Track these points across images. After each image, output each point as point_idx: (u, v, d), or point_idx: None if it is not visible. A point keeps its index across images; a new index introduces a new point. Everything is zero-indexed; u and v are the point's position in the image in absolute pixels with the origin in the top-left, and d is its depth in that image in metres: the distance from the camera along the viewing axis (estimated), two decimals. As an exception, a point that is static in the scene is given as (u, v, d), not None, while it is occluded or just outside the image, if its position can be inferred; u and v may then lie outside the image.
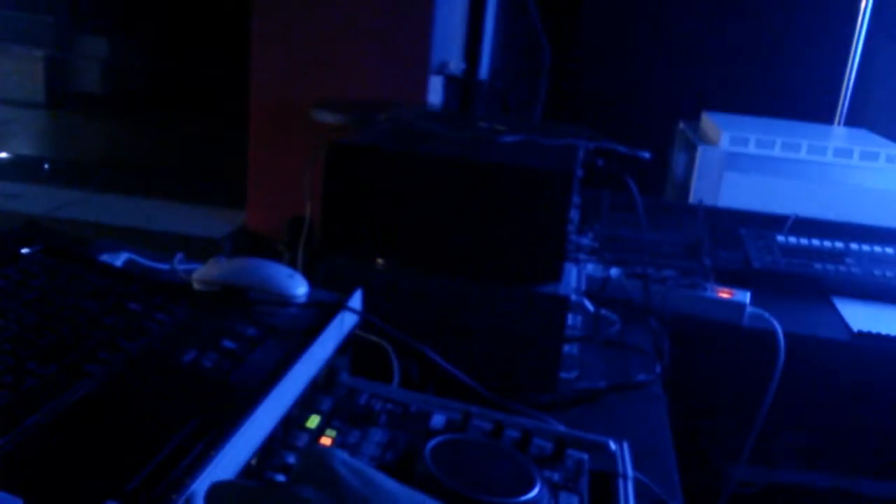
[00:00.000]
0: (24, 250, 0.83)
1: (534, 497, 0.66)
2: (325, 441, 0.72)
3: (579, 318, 1.12)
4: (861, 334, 1.43)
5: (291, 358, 0.70)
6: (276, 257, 1.04)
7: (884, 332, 1.44)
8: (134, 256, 1.04)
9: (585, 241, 1.16)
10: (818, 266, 1.64)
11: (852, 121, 3.03)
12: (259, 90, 2.36)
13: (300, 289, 0.84)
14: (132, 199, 2.69)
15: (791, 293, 1.58)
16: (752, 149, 2.04)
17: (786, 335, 1.33)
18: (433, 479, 0.65)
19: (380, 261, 1.03)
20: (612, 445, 0.79)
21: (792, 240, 1.72)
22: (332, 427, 0.74)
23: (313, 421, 0.74)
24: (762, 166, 2.03)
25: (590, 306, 1.21)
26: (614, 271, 1.39)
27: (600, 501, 0.72)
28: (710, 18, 3.09)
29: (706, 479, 1.53)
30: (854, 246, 1.69)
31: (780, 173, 2.02)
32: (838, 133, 2.61)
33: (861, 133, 2.39)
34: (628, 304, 1.32)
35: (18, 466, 0.52)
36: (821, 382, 1.48)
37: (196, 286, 0.84)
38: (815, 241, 1.71)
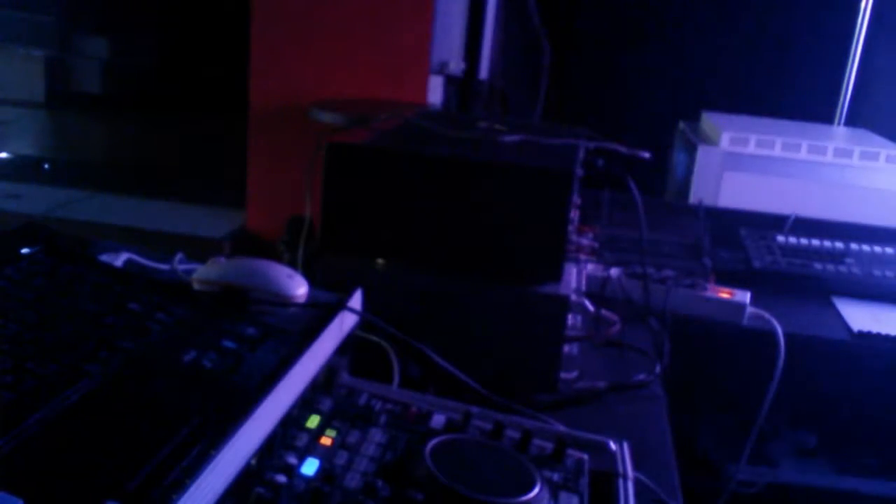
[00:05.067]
0: (24, 250, 0.83)
1: (534, 497, 0.66)
2: (325, 441, 0.72)
3: (579, 318, 1.12)
4: (861, 334, 1.43)
5: (291, 358, 0.70)
6: (276, 257, 1.04)
7: (884, 332, 1.43)
8: (134, 256, 1.04)
9: (585, 241, 1.16)
10: (818, 266, 1.64)
11: (852, 121, 3.03)
12: (259, 90, 2.36)
13: (300, 289, 0.84)
14: (132, 199, 2.69)
15: (791, 293, 1.58)
16: (752, 149, 2.04)
17: (786, 335, 1.33)
18: (433, 479, 0.65)
19: (380, 261, 1.03)
20: (612, 445, 0.79)
21: (792, 240, 1.71)
22: (332, 427, 0.74)
23: (313, 421, 0.74)
24: (762, 166, 2.03)
25: (590, 306, 1.21)
26: (614, 271, 1.39)
27: (600, 501, 0.72)
28: (710, 18, 3.09)
29: (706, 479, 1.53)
30: (854, 246, 1.69)
31: (780, 173, 2.02)
32: (838, 133, 2.61)
33: (861, 133, 2.38)
34: (628, 304, 1.32)
35: (18, 466, 0.52)
36: (821, 382, 1.48)
37: (196, 286, 0.84)
38: (815, 241, 1.71)
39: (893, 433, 1.53)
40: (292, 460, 0.67)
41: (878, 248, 1.69)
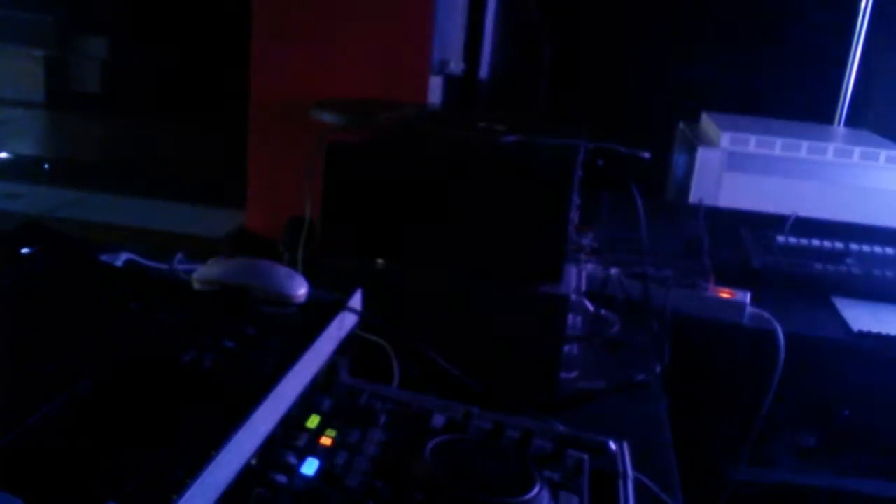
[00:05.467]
0: (24, 250, 0.83)
1: (534, 497, 0.66)
2: (325, 441, 0.72)
3: (579, 318, 1.12)
4: (861, 334, 1.43)
5: (291, 358, 0.70)
6: (276, 257, 1.04)
7: (884, 332, 1.43)
8: (134, 256, 1.04)
9: (585, 241, 1.16)
10: (818, 266, 1.64)
11: (852, 121, 3.03)
12: (259, 90, 2.36)
13: (300, 289, 0.84)
14: (132, 199, 2.69)
15: (791, 293, 1.58)
16: (752, 149, 2.04)
17: (786, 335, 1.33)
18: (433, 479, 0.65)
19: (380, 261, 1.03)
20: (612, 445, 0.79)
21: (792, 240, 1.71)
22: (332, 427, 0.74)
23: (313, 421, 0.74)
24: (762, 166, 2.03)
25: (590, 306, 1.21)
26: (614, 271, 1.39)
27: (600, 501, 0.72)
28: (710, 18, 3.08)
29: (706, 479, 1.53)
30: (854, 246, 1.69)
31: (780, 173, 2.02)
32: (838, 133, 2.61)
33: (861, 133, 2.39)
34: (628, 304, 1.32)
35: (18, 466, 0.52)
36: (821, 382, 1.48)
37: (196, 286, 0.84)
38: (815, 241, 1.71)
39: (893, 433, 1.53)
40: (292, 460, 0.67)
41: (878, 248, 1.69)
